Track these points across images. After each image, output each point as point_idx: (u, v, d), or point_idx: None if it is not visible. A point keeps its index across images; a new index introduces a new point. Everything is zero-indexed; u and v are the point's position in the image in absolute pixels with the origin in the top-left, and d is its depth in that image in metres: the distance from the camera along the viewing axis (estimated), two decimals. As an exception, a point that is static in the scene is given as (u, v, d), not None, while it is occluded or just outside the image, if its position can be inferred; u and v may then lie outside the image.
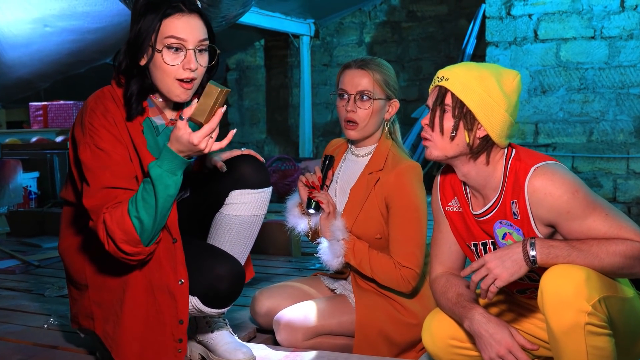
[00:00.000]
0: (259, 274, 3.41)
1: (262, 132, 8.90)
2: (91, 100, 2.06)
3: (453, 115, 1.83)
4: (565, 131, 6.06)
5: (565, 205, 1.76)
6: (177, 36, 1.98)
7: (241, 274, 2.12)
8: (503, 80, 1.83)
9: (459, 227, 2.01)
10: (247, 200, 2.27)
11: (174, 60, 2.00)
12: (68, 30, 6.18)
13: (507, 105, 1.82)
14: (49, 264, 4.05)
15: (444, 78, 1.85)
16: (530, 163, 1.83)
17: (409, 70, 7.81)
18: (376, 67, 2.38)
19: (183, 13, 2.00)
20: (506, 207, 1.86)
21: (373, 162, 2.40)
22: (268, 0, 6.59)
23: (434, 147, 1.88)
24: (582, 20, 5.95)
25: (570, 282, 1.66)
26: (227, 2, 4.17)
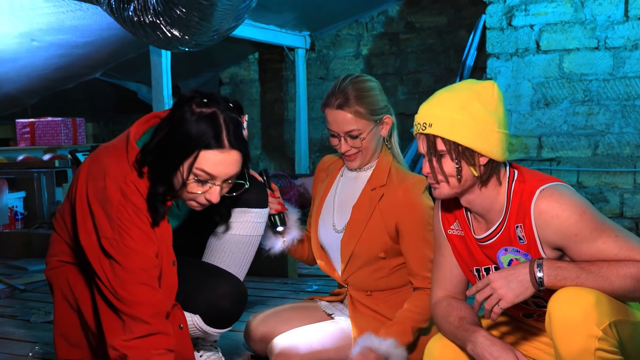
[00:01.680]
0: (253, 297, 3.39)
1: (257, 147, 8.89)
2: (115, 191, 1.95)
3: (452, 158, 1.80)
4: (569, 145, 6.05)
5: (573, 227, 1.74)
6: (209, 172, 1.94)
7: (243, 293, 2.14)
8: (483, 97, 1.80)
9: (461, 251, 1.99)
10: (245, 219, 2.27)
11: (197, 190, 1.97)
12: (56, 45, 6.18)
13: (497, 122, 1.79)
14: (35, 287, 4.02)
15: (427, 125, 1.80)
16: (536, 185, 1.81)
17: (408, 83, 7.81)
18: (355, 100, 2.31)
19: (224, 150, 1.93)
20: (510, 232, 1.84)
21: (375, 178, 2.39)
22: (262, 13, 6.59)
23: (445, 188, 1.85)
24: (585, 30, 5.96)
25: (580, 306, 1.64)
26: (220, 16, 4.16)
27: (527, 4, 6.14)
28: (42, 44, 6.09)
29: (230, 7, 4.14)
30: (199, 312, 2.07)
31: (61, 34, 5.95)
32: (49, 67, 6.71)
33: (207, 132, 1.91)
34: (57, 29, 5.81)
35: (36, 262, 4.62)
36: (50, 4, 5.28)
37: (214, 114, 1.94)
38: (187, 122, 1.92)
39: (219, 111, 1.95)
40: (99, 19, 5.57)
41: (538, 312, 1.93)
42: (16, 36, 5.84)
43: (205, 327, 2.09)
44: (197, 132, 1.91)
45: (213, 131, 1.91)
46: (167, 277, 2.02)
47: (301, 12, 7.33)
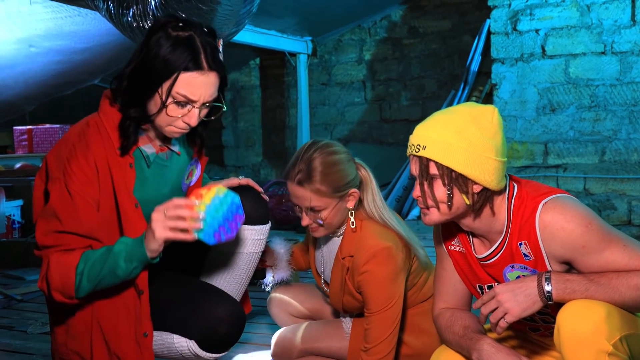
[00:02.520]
0: (256, 307, 3.37)
1: (258, 154, 8.88)
2: (74, 134, 2.02)
3: (444, 183, 1.76)
4: (576, 151, 6.04)
5: (579, 239, 1.72)
6: (188, 96, 1.96)
7: (242, 316, 2.09)
8: (482, 123, 1.76)
9: (463, 267, 1.97)
10: (245, 236, 2.25)
11: (177, 113, 1.98)
12: (54, 51, 6.18)
13: (495, 150, 1.75)
14: (32, 298, 4.01)
15: (420, 147, 1.76)
16: (537, 199, 1.78)
17: (412, 88, 7.81)
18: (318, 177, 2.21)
19: (202, 71, 1.95)
20: (513, 250, 1.81)
21: (344, 246, 2.36)
22: (263, 18, 6.60)
23: (435, 214, 1.81)
24: (592, 35, 5.95)
25: (590, 319, 1.62)
26: (220, 21, 4.16)
27: (533, 8, 6.13)
28: (40, 50, 6.10)
29: (230, 12, 4.14)
30: (194, 337, 2.02)
31: (59, 40, 5.95)
32: (47, 74, 6.72)
33: (186, 55, 1.93)
34: (56, 35, 5.82)
35: (33, 272, 4.61)
36: (48, 9, 5.28)
37: (191, 37, 1.96)
38: (164, 46, 1.94)
39: (196, 35, 1.98)
40: (98, 25, 5.57)
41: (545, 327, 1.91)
42: (14, 42, 5.85)
43: (201, 353, 2.05)
44: (175, 55, 1.93)
45: (191, 53, 1.94)
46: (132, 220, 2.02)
47: (303, 17, 7.33)
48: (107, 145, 2.01)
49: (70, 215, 1.93)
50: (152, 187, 2.13)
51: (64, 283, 1.90)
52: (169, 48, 1.94)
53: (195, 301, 2.06)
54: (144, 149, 2.10)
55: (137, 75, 1.98)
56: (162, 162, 2.16)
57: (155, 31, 1.98)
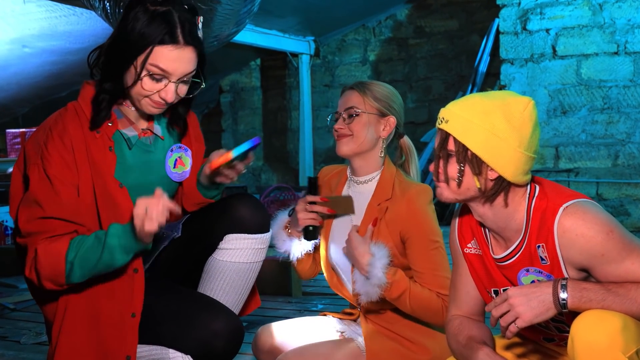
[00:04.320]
0: (255, 317, 3.37)
1: (259, 158, 8.90)
2: (51, 118, 2.06)
3: (457, 160, 1.77)
4: (588, 155, 6.04)
5: (599, 247, 1.71)
6: (163, 68, 1.99)
7: (239, 330, 2.07)
8: (511, 112, 1.75)
9: (478, 271, 1.97)
10: (244, 245, 2.24)
11: (152, 88, 2.01)
12: (48, 51, 6.21)
13: (519, 141, 1.74)
14: (26, 307, 4.01)
15: (444, 120, 1.79)
16: (559, 202, 1.78)
17: (418, 90, 7.82)
18: (369, 84, 2.41)
19: (178, 45, 1.99)
20: (531, 252, 1.81)
21: (379, 192, 2.38)
22: (264, 17, 6.61)
23: (445, 189, 1.83)
24: (604, 34, 5.96)
25: (605, 331, 1.62)
26: (220, 21, 4.17)
27: (543, 7, 6.15)
28: (33, 51, 6.12)
29: (231, 11, 4.15)
30: (190, 352, 2.01)
31: (54, 40, 5.97)
32: (40, 75, 6.74)
33: (162, 28, 1.97)
34: (50, 35, 5.84)
35: (27, 280, 4.62)
36: (42, 9, 5.30)
37: (168, 12, 2.01)
38: (141, 20, 1.98)
39: (174, 9, 2.02)
40: (94, 25, 5.59)
41: (560, 336, 1.91)
42: (7, 42, 5.87)
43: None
44: (151, 28, 1.97)
45: (167, 27, 1.98)
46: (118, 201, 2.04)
47: (305, 16, 7.34)
48: (85, 127, 2.04)
49: (51, 199, 1.95)
50: (137, 172, 2.14)
51: (55, 271, 1.93)
52: (145, 22, 1.98)
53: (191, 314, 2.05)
54: (124, 132, 2.12)
55: (113, 48, 2.02)
56: (146, 147, 2.17)
57: (134, 6, 2.02)
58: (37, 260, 1.92)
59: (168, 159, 2.23)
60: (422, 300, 2.28)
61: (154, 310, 2.07)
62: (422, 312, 2.30)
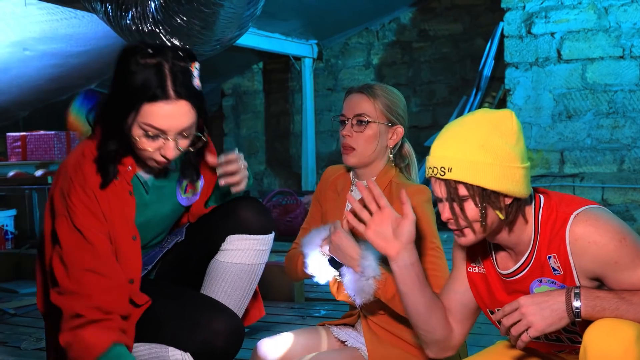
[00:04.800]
0: (257, 322, 3.37)
1: (261, 163, 8.90)
2: (70, 165, 2.01)
3: (475, 203, 1.73)
4: (593, 160, 6.04)
5: (612, 254, 1.69)
6: (156, 127, 1.92)
7: (240, 330, 2.08)
8: (503, 131, 1.72)
9: (481, 291, 1.95)
10: (246, 246, 2.24)
11: (149, 146, 1.96)
12: (49, 54, 6.22)
13: (520, 157, 1.73)
14: (26, 312, 4.02)
15: (446, 169, 1.73)
16: (568, 211, 1.75)
17: (422, 94, 7.82)
18: (378, 90, 2.38)
19: (169, 100, 1.91)
20: (542, 263, 1.80)
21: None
22: (267, 21, 6.62)
23: (470, 234, 1.79)
24: (610, 38, 5.96)
25: (619, 341, 1.60)
26: (222, 25, 4.18)
27: (548, 10, 6.15)
28: (34, 54, 6.13)
29: (233, 15, 4.16)
30: (190, 350, 2.02)
31: (55, 43, 5.99)
32: (41, 78, 6.75)
33: (151, 84, 1.89)
34: (51, 38, 5.85)
35: (27, 285, 4.61)
36: (43, 11, 5.31)
37: (159, 64, 1.93)
38: (131, 74, 1.91)
39: (165, 61, 1.94)
40: (95, 27, 5.61)
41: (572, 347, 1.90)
42: (7, 45, 5.88)
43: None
44: (140, 83, 1.89)
45: (157, 81, 1.90)
46: (127, 254, 2.01)
47: (308, 19, 7.35)
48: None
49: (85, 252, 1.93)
50: (152, 210, 2.15)
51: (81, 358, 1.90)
52: (135, 77, 1.91)
53: (192, 313, 2.06)
54: (141, 175, 2.10)
55: (108, 107, 1.98)
56: (160, 183, 2.17)
57: (124, 59, 1.96)
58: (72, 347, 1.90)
59: (179, 185, 2.22)
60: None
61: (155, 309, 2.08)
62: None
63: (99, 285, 1.92)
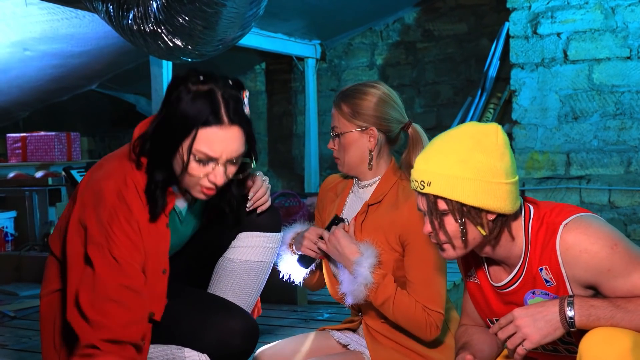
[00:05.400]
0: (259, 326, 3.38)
1: (264, 164, 8.90)
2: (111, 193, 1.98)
3: (455, 219, 1.74)
4: (600, 161, 6.04)
5: (604, 262, 1.69)
6: (209, 154, 1.95)
7: (255, 329, 2.12)
8: (486, 147, 1.73)
9: (478, 300, 1.97)
10: (255, 243, 2.26)
11: (200, 172, 1.98)
12: (50, 55, 6.23)
13: (505, 172, 1.73)
14: (26, 314, 4.02)
15: (425, 183, 1.75)
16: (557, 221, 1.74)
17: (426, 95, 7.82)
18: (345, 98, 2.35)
19: (223, 126, 1.95)
20: (534, 275, 1.80)
21: (373, 196, 2.39)
22: (269, 20, 6.62)
23: (450, 250, 1.81)
24: (617, 39, 5.96)
25: (614, 349, 1.61)
26: (225, 24, 4.18)
27: (554, 10, 6.15)
28: (35, 54, 6.14)
29: (236, 15, 4.16)
30: (207, 350, 2.03)
31: (55, 43, 5.99)
32: (42, 78, 6.76)
33: (205, 109, 1.93)
34: (52, 38, 5.86)
35: (27, 287, 4.62)
36: (44, 11, 5.32)
37: (211, 91, 1.97)
38: (183, 101, 1.95)
39: (217, 88, 1.98)
40: (96, 27, 5.61)
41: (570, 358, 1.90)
42: (8, 45, 5.89)
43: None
44: (194, 109, 1.93)
45: (210, 107, 1.94)
46: (155, 287, 2.02)
47: (311, 19, 7.36)
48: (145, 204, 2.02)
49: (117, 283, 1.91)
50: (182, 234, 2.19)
51: None
52: (188, 103, 1.94)
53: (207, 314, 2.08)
54: (177, 206, 2.12)
55: (158, 134, 1.99)
56: (190, 210, 2.19)
57: (175, 87, 1.99)
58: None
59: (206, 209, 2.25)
60: (406, 310, 2.26)
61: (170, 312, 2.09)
62: (405, 322, 2.28)
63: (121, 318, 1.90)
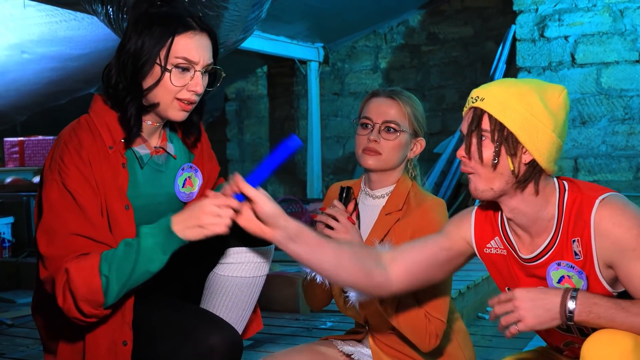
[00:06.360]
0: (261, 335, 3.37)
1: (265, 169, 8.90)
2: (65, 133, 2.07)
3: (492, 140, 1.80)
4: (608, 167, 6.04)
5: (632, 239, 1.71)
6: (189, 58, 2.04)
7: (238, 345, 2.07)
8: (547, 96, 1.81)
9: (502, 271, 1.97)
10: (247, 259, 2.24)
11: (180, 82, 2.05)
12: (48, 57, 6.24)
13: (554, 125, 1.79)
14: (24, 322, 4.03)
15: (479, 98, 1.82)
16: (594, 195, 1.79)
17: (431, 99, 7.83)
18: (407, 98, 2.42)
19: (195, 31, 2.06)
20: (566, 246, 1.82)
21: (391, 203, 2.39)
22: (271, 23, 6.64)
23: (478, 180, 1.84)
24: (625, 42, 5.96)
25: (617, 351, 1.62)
26: (227, 27, 4.19)
27: (561, 13, 6.15)
28: (33, 57, 6.15)
29: (238, 18, 4.17)
30: None
31: (54, 46, 6.01)
32: (40, 82, 6.77)
33: (175, 19, 2.05)
34: (50, 40, 5.87)
35: (25, 294, 4.63)
36: (42, 13, 5.34)
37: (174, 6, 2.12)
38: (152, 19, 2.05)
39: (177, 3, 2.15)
40: (95, 30, 5.63)
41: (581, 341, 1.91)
42: (5, 48, 5.91)
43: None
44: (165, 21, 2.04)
45: (180, 17, 2.06)
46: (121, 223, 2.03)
47: (314, 22, 7.37)
48: (98, 142, 2.04)
49: (75, 215, 1.94)
50: (146, 192, 2.15)
51: (90, 288, 1.88)
52: (157, 19, 2.04)
53: (187, 328, 2.04)
54: (136, 150, 2.13)
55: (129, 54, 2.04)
56: (157, 167, 2.18)
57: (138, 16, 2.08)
58: (70, 280, 1.89)
59: (178, 177, 2.25)
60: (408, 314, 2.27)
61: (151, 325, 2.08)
62: (406, 328, 2.28)
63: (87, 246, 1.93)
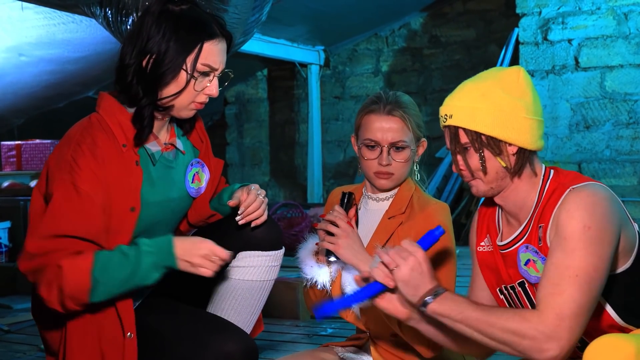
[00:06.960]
0: (261, 341, 3.37)
1: (265, 174, 8.91)
2: (76, 132, 2.06)
3: (475, 149, 1.85)
4: (612, 172, 6.04)
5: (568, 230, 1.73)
6: (212, 65, 2.08)
7: (254, 351, 2.08)
8: (507, 84, 1.85)
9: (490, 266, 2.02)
10: (257, 263, 2.26)
11: (200, 86, 2.09)
12: (46, 60, 6.24)
13: (525, 109, 1.83)
14: (21, 328, 4.02)
15: (447, 116, 1.88)
16: (569, 184, 1.82)
17: (433, 103, 7.83)
18: (405, 109, 2.36)
19: (219, 39, 2.09)
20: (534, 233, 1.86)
21: (394, 206, 2.39)
22: (272, 26, 6.64)
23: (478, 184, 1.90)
24: (630, 45, 5.97)
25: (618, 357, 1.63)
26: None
27: (565, 16, 6.16)
28: (30, 59, 6.16)
29: (238, 20, 4.17)
30: None
31: (52, 49, 6.01)
32: (38, 85, 6.77)
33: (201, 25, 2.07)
34: (48, 43, 5.88)
35: (22, 300, 4.62)
36: (40, 16, 5.34)
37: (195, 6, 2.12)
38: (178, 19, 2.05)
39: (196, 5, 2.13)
40: (94, 32, 5.63)
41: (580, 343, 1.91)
42: (3, 51, 5.91)
43: None
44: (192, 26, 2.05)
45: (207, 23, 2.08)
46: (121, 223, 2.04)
47: (315, 24, 7.37)
48: (112, 141, 2.06)
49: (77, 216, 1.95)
50: (159, 188, 2.17)
51: (79, 289, 1.91)
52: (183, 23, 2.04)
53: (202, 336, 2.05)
54: (148, 147, 2.14)
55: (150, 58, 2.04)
56: (168, 163, 2.20)
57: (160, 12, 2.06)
58: (62, 276, 1.90)
59: (187, 172, 2.26)
60: None
61: (164, 333, 2.09)
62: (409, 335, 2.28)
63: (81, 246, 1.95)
